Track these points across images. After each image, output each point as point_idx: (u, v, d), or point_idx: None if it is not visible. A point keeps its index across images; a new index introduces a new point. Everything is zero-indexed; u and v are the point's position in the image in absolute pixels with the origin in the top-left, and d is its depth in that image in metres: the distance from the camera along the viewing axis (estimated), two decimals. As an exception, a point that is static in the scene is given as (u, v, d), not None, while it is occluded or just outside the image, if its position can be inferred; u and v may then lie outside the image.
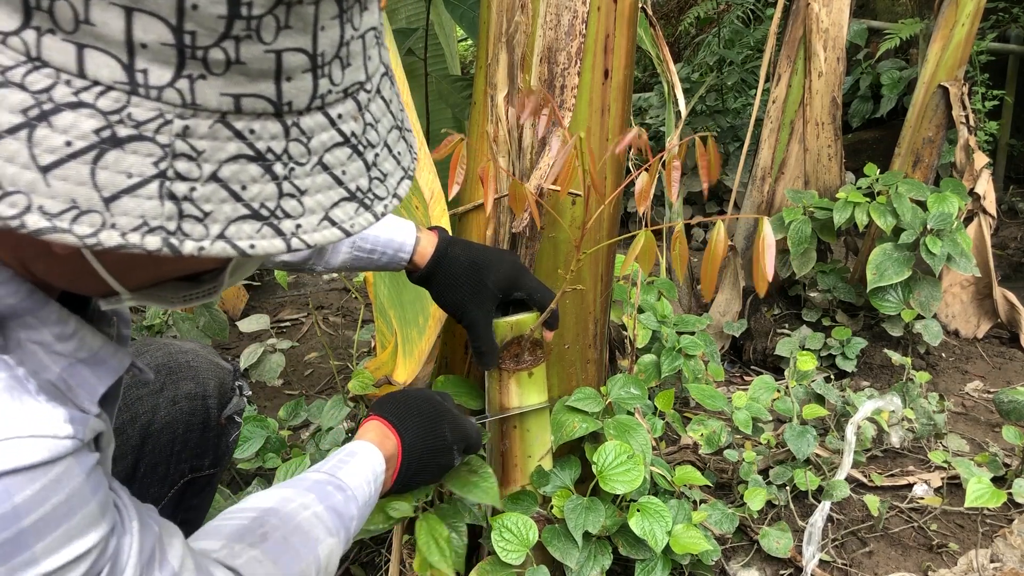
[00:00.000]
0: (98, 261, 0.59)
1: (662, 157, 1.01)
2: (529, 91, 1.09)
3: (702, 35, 4.71)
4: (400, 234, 1.20)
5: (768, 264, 0.86)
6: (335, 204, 0.55)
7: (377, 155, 0.59)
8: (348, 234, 0.56)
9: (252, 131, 0.50)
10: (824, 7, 2.51)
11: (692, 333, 1.95)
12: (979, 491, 1.58)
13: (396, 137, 0.61)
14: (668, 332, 1.93)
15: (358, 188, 0.57)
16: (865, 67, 4.17)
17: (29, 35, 0.45)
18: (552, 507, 1.37)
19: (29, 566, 0.55)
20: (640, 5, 1.66)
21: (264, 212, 0.52)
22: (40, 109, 0.46)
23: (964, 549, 1.71)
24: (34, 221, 0.47)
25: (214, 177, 0.50)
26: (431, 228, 1.27)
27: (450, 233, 1.31)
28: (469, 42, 5.02)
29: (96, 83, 0.47)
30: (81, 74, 0.46)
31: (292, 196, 0.53)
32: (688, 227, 3.92)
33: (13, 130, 0.46)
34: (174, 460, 1.10)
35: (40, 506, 0.55)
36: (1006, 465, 1.92)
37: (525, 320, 1.25)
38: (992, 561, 1.63)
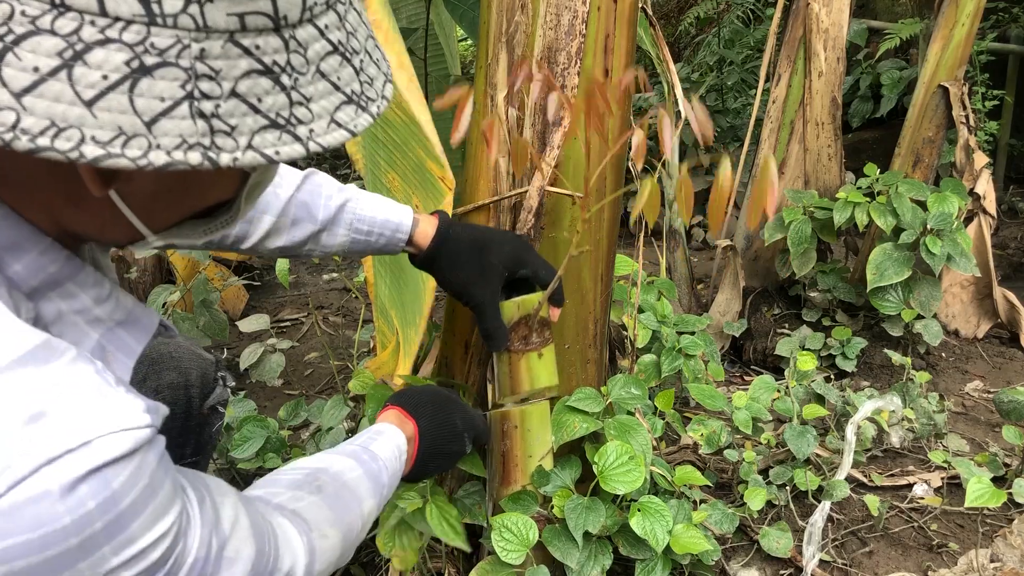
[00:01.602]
0: (125, 204, 0.64)
1: (662, 165, 1.01)
2: (522, 60, 1.07)
3: (702, 35, 4.71)
4: (397, 215, 1.20)
5: (771, 200, 0.86)
6: (337, 108, 0.61)
7: (362, 61, 0.64)
8: (353, 134, 0.62)
9: (258, 47, 0.55)
10: (824, 7, 2.51)
11: (692, 333, 1.95)
12: (979, 491, 1.58)
13: (372, 45, 0.67)
14: (668, 332, 1.93)
15: (353, 92, 0.62)
16: (865, 67, 4.17)
17: None
18: (552, 507, 1.37)
19: (130, 543, 0.60)
20: (640, 5, 1.66)
21: (280, 120, 0.58)
22: (73, 50, 0.51)
23: (964, 549, 1.71)
24: (91, 151, 0.52)
25: (233, 93, 0.55)
26: (432, 213, 1.27)
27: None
28: (469, 42, 5.01)
29: (118, 19, 0.51)
30: (103, 13, 0.51)
31: (301, 104, 0.59)
32: (688, 227, 3.92)
33: (54, 72, 0.51)
34: None
35: (132, 489, 0.60)
36: (1006, 465, 1.92)
37: (531, 299, 1.24)
38: (992, 561, 1.63)
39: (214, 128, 0.55)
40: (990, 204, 2.62)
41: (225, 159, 0.56)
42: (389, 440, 1.04)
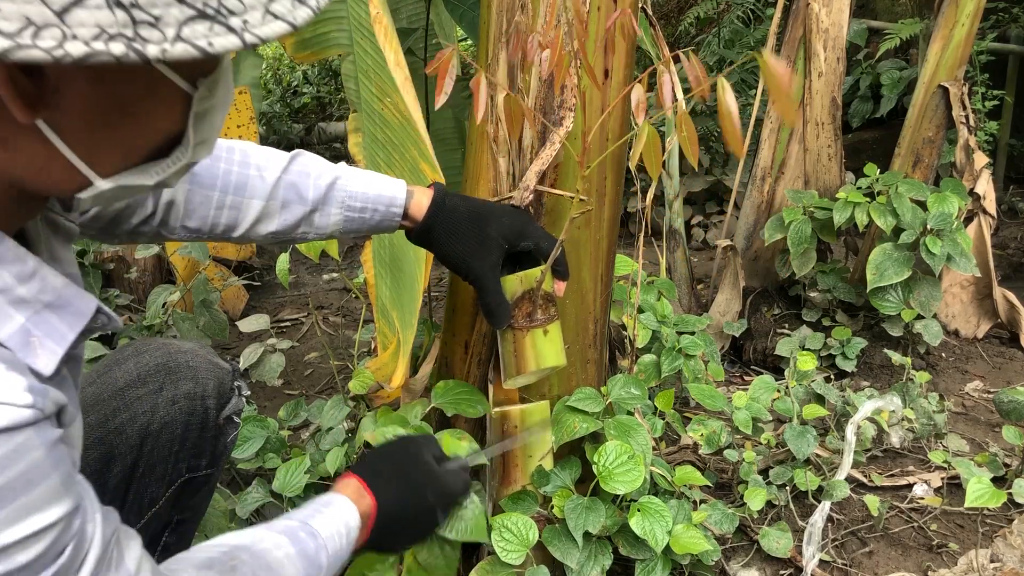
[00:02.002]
0: (59, 137, 0.60)
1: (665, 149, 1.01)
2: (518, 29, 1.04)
3: (702, 35, 4.71)
4: (390, 189, 1.16)
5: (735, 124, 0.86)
6: None
7: None
8: (293, 27, 0.59)
9: None
10: (824, 7, 2.51)
11: (692, 333, 1.95)
12: (979, 491, 1.58)
13: None
14: (668, 332, 1.93)
15: None
16: (865, 67, 4.17)
17: None
18: (552, 507, 1.37)
19: None
20: (640, 5, 1.66)
21: (209, 11, 0.55)
22: None
23: (964, 549, 1.71)
24: None
25: None
26: (428, 186, 1.22)
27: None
28: (469, 42, 5.01)
29: None
30: None
31: None
32: (688, 227, 3.92)
33: None
34: (172, 460, 1.10)
35: (1, 471, 0.55)
36: (1006, 465, 1.92)
37: (534, 272, 1.18)
38: (992, 561, 1.63)
39: (136, 19, 0.52)
40: (990, 204, 2.62)
41: (152, 51, 0.52)
42: (336, 515, 0.94)
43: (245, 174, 1.09)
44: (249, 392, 1.29)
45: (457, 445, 1.29)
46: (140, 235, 1.07)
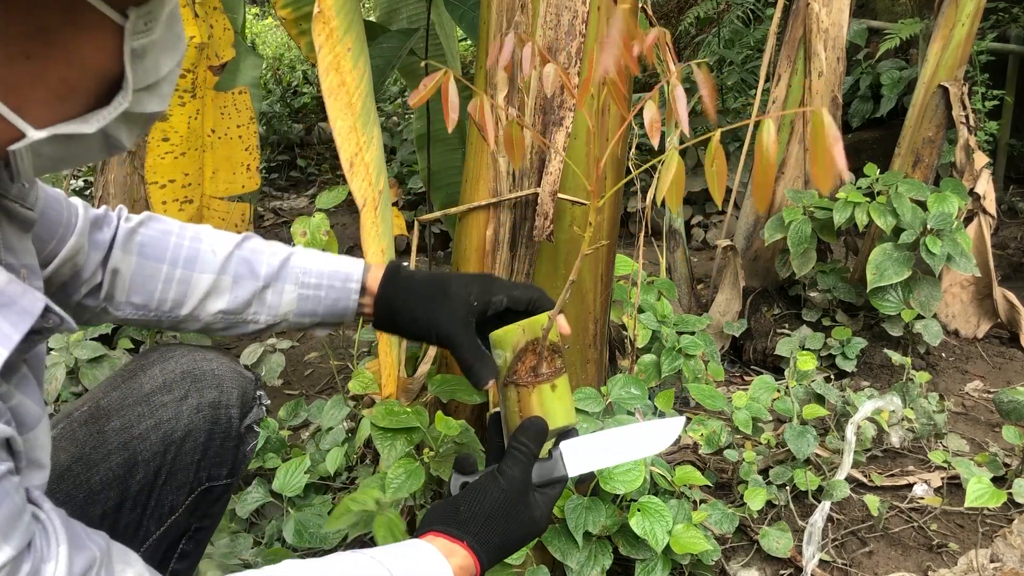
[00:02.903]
0: None
1: (662, 158, 1.00)
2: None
3: (702, 35, 4.71)
4: (347, 265, 1.09)
5: (839, 157, 0.73)
6: None
7: None
8: None
9: None
10: (824, 7, 2.51)
11: (692, 333, 1.95)
12: (979, 491, 1.58)
13: None
14: (668, 332, 1.93)
15: None
16: (865, 67, 4.17)
17: None
18: (552, 507, 1.36)
19: None
20: (640, 5, 1.66)
21: None
22: None
23: (964, 549, 1.71)
24: None
25: None
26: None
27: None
28: (469, 42, 5.01)
29: None
30: None
31: None
32: (688, 227, 3.92)
33: None
34: (194, 468, 1.08)
35: None
36: (1006, 465, 1.92)
37: (538, 319, 1.05)
38: (992, 561, 1.63)
39: None
40: (990, 204, 2.62)
41: None
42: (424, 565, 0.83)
43: (196, 248, 1.06)
44: (269, 401, 1.28)
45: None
46: (86, 310, 1.04)
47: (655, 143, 0.90)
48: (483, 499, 0.92)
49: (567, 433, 1.04)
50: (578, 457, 1.02)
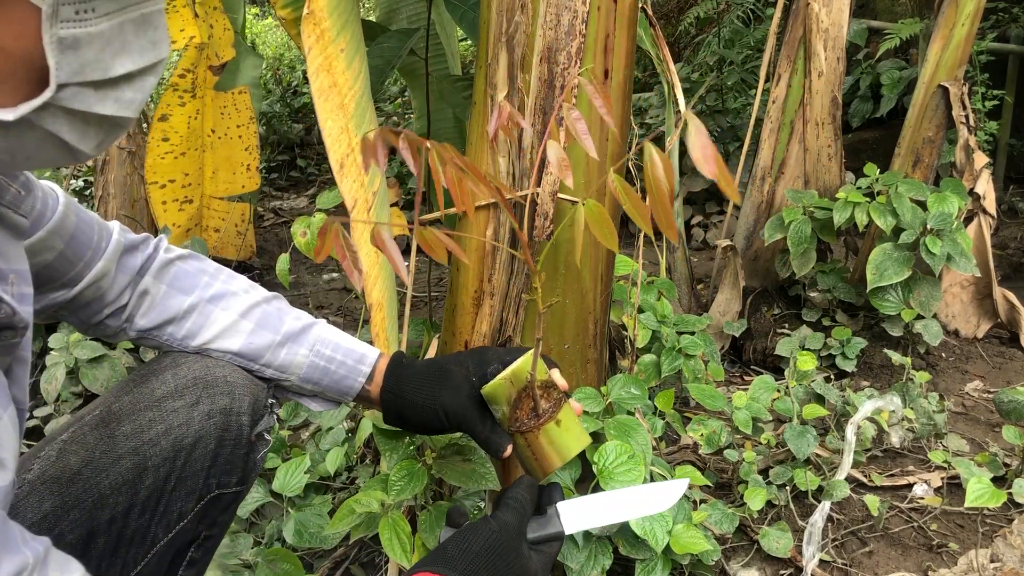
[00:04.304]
0: None
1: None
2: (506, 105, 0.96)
3: (702, 35, 4.71)
4: (363, 347, 1.12)
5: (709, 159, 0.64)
6: None
7: None
8: None
9: None
10: (824, 7, 2.51)
11: (692, 333, 1.95)
12: (979, 491, 1.58)
13: None
14: (668, 332, 1.93)
15: None
16: (865, 67, 4.17)
17: None
18: (552, 507, 1.36)
19: None
20: (640, 5, 1.66)
21: None
22: None
23: (964, 549, 1.71)
24: None
25: None
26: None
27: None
28: (469, 42, 5.02)
29: None
30: None
31: None
32: (688, 227, 3.92)
33: None
34: (203, 475, 1.07)
35: None
36: (1006, 465, 1.92)
37: (520, 366, 1.03)
38: (992, 561, 1.63)
39: None
40: (990, 204, 2.62)
41: None
42: None
43: (226, 289, 1.09)
44: (280, 408, 1.26)
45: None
46: (107, 327, 1.08)
47: (569, 183, 0.87)
48: (472, 538, 0.91)
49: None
50: (576, 515, 1.01)
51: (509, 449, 1.05)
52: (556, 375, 1.07)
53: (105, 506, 0.98)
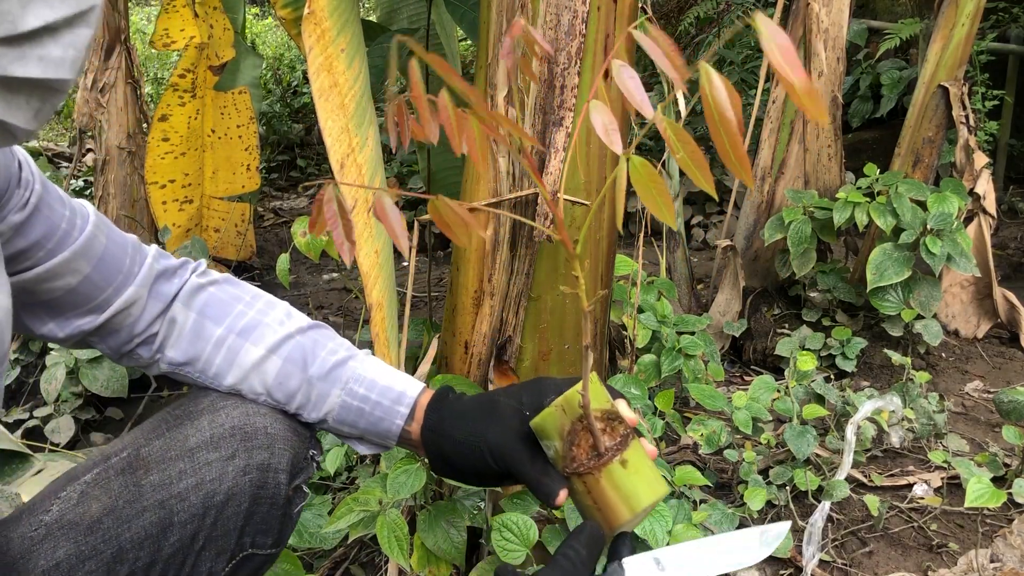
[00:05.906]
0: None
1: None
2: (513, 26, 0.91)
3: (702, 35, 4.71)
4: (402, 383, 0.98)
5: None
6: None
7: None
8: None
9: None
10: (824, 7, 2.51)
11: (692, 333, 1.95)
12: (979, 491, 1.58)
13: None
14: (668, 332, 1.93)
15: None
16: (865, 67, 4.17)
17: None
18: (552, 507, 1.36)
19: None
20: (640, 5, 1.66)
21: None
22: None
23: (964, 549, 1.71)
24: None
25: None
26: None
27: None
28: (469, 42, 5.02)
29: None
30: None
31: None
32: (688, 227, 3.92)
33: None
34: (235, 534, 0.98)
35: None
36: (1006, 465, 1.92)
37: (573, 394, 0.85)
38: (992, 561, 1.63)
39: None
40: (990, 204, 2.62)
41: None
42: None
43: (259, 320, 1.00)
44: (321, 457, 1.19)
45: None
46: (139, 358, 1.01)
47: (617, 150, 0.82)
48: None
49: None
50: (645, 573, 0.85)
51: (563, 495, 0.86)
52: (623, 406, 0.88)
53: (125, 560, 0.90)
